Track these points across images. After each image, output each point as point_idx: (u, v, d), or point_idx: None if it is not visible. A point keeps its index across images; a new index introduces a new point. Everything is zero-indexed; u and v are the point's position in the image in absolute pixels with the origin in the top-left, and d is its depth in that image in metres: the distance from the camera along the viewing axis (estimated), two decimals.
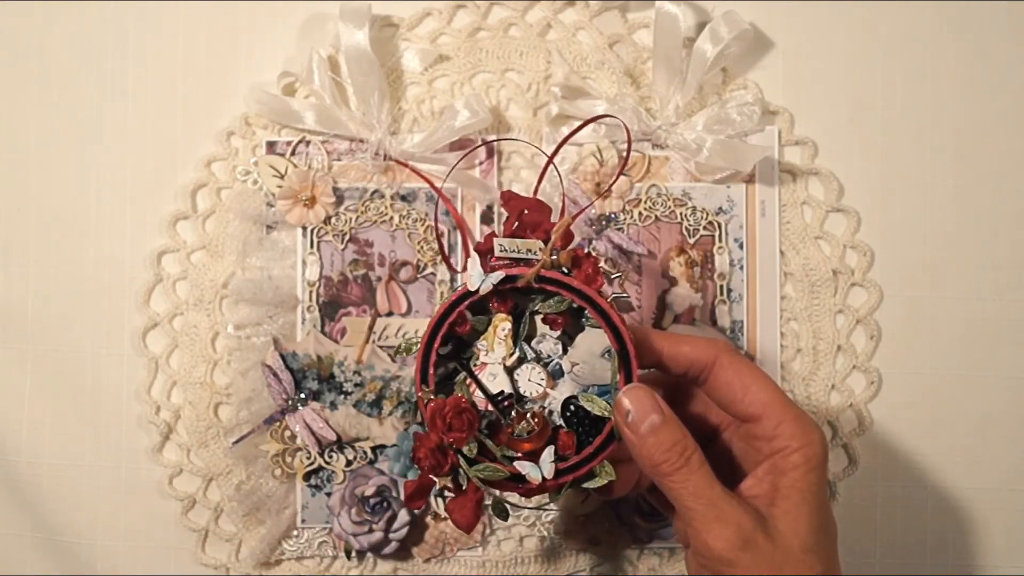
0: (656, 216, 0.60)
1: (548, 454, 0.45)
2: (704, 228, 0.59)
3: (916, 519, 0.60)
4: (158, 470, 0.61)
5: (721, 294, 0.59)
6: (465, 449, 0.45)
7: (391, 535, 0.58)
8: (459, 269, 0.58)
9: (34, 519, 0.61)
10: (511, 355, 0.47)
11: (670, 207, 0.60)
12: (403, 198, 0.60)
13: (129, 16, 0.62)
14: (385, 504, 0.58)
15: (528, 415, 0.46)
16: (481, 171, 0.60)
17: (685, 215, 0.59)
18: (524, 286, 0.45)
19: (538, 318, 0.48)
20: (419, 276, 0.60)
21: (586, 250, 0.51)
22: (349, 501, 0.58)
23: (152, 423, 0.60)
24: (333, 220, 0.60)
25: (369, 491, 0.58)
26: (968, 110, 0.60)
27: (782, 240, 0.60)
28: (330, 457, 0.59)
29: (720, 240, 0.59)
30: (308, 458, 0.59)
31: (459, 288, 0.48)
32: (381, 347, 0.59)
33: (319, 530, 0.60)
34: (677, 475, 0.43)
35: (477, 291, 0.46)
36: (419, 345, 0.47)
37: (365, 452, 0.59)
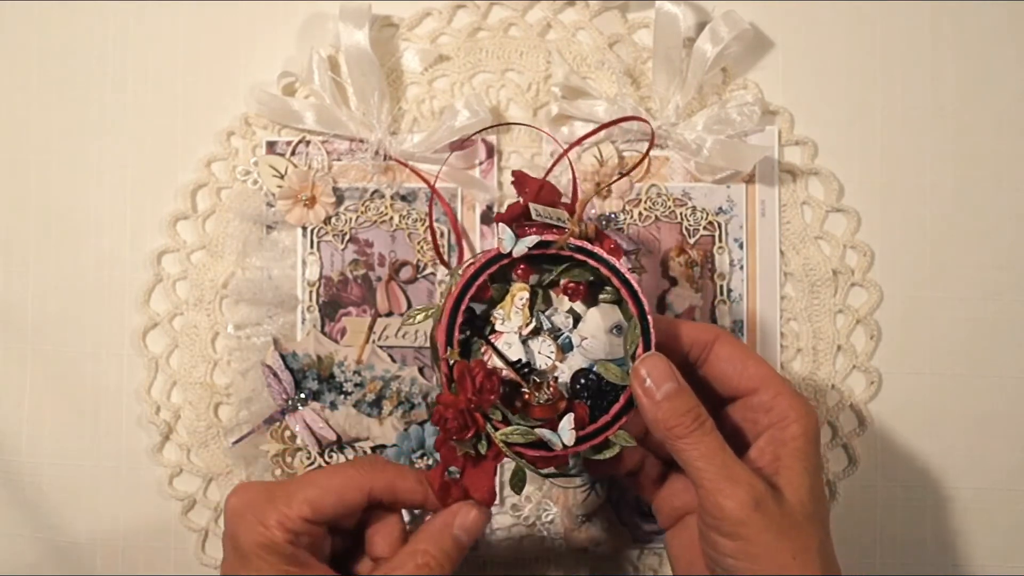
0: (656, 216, 0.60)
1: (567, 422, 0.45)
2: (704, 228, 0.59)
3: (916, 519, 0.60)
4: (158, 470, 0.61)
5: (721, 294, 0.59)
6: (490, 413, 0.45)
7: None
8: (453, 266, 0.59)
9: (34, 519, 0.61)
10: (527, 325, 0.47)
11: (670, 207, 0.60)
12: (403, 198, 0.60)
13: (129, 16, 0.62)
14: None
15: (545, 385, 0.47)
16: (481, 171, 0.60)
17: (685, 215, 0.59)
18: (557, 251, 0.46)
19: (551, 291, 0.48)
20: (419, 276, 0.60)
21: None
22: None
23: (152, 423, 0.60)
24: (333, 220, 0.60)
25: None
26: (968, 110, 0.60)
27: (782, 240, 0.60)
28: (330, 457, 0.59)
29: (720, 240, 0.59)
30: (308, 458, 0.59)
31: (482, 253, 0.47)
32: (381, 347, 0.59)
33: None
34: (691, 437, 0.44)
35: (510, 254, 0.46)
36: (442, 310, 0.46)
37: (365, 452, 0.59)
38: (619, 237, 0.59)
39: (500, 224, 0.46)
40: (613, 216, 0.59)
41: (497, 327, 0.48)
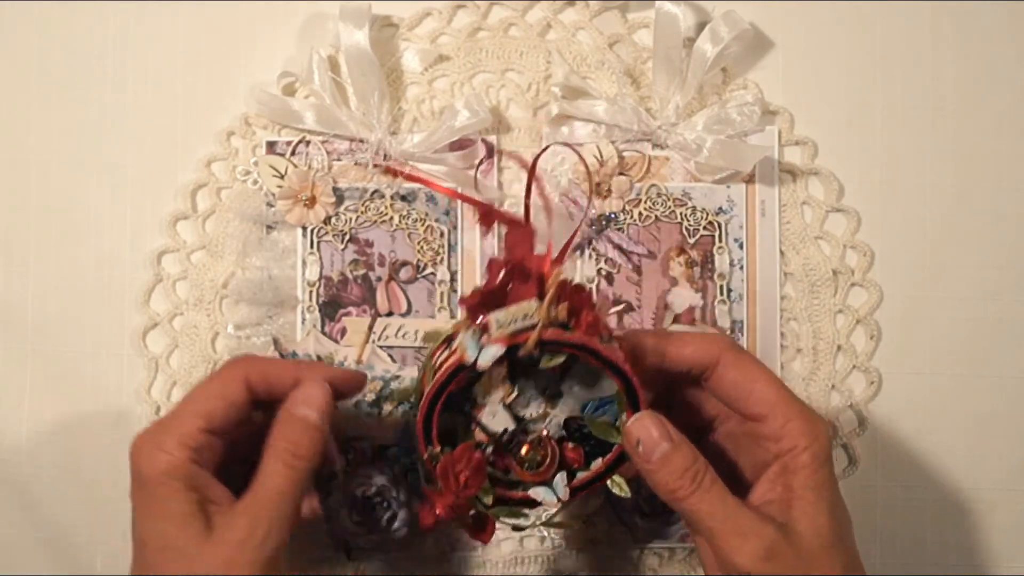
0: (656, 216, 0.60)
1: (561, 478, 0.45)
2: (704, 228, 0.59)
3: (916, 519, 0.60)
4: None
5: (721, 294, 0.59)
6: (480, 496, 0.45)
7: (391, 535, 0.58)
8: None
9: (34, 519, 0.61)
10: (510, 394, 0.46)
11: (670, 207, 0.60)
12: (403, 198, 0.60)
13: (129, 16, 0.62)
14: (385, 504, 0.58)
15: (533, 442, 0.46)
16: (481, 171, 0.60)
17: (685, 215, 0.59)
18: (525, 355, 0.43)
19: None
20: (419, 276, 0.60)
21: (578, 283, 0.46)
22: (349, 501, 0.58)
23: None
24: (333, 220, 0.60)
25: (369, 491, 0.58)
26: (968, 110, 0.60)
27: (782, 240, 0.60)
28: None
29: (720, 240, 0.59)
30: None
31: (449, 359, 0.45)
32: (381, 347, 0.59)
33: (319, 530, 0.60)
34: (692, 498, 0.43)
35: (474, 364, 0.43)
36: (416, 406, 0.46)
37: (365, 452, 0.59)
38: (618, 238, 0.59)
39: (459, 333, 0.43)
40: (613, 216, 0.59)
41: (479, 400, 0.46)
